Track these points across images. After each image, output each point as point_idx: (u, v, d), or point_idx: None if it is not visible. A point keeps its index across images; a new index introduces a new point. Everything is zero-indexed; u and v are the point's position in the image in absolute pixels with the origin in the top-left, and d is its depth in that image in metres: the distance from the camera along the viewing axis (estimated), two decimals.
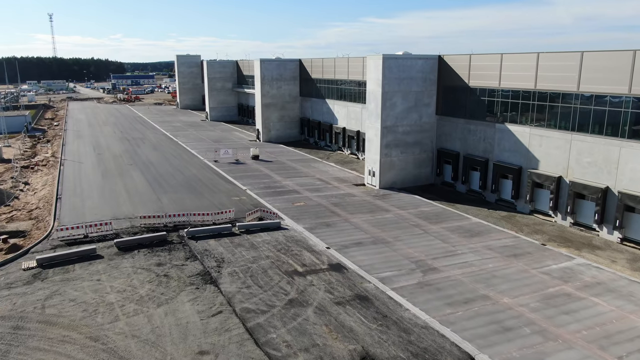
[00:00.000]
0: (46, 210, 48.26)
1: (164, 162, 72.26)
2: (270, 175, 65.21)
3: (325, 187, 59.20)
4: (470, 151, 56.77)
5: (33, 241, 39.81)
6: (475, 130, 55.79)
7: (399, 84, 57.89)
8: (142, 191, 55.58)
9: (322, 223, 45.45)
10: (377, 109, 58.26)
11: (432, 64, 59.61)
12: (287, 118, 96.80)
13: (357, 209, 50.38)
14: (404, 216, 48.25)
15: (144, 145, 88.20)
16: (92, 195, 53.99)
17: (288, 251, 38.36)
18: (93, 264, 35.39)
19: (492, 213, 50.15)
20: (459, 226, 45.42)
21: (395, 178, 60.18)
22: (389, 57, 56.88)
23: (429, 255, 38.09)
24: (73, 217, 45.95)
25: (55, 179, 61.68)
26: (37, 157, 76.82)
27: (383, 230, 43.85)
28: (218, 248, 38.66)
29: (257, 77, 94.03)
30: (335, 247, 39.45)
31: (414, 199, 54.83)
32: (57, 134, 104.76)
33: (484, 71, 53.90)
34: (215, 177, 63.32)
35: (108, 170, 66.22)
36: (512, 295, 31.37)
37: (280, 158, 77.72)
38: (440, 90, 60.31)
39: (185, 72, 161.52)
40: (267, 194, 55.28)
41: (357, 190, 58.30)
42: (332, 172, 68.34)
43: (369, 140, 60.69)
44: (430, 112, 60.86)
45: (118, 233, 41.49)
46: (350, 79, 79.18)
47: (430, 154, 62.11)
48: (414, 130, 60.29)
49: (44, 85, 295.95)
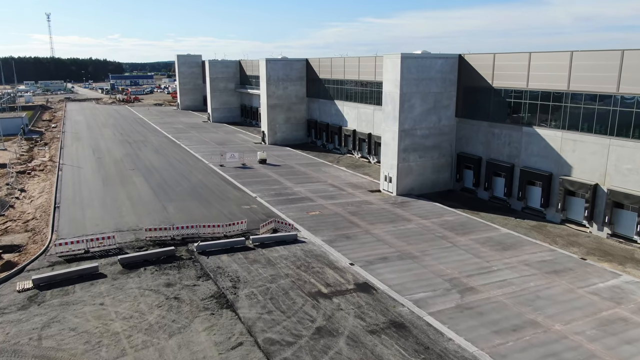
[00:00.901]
0: (43, 221, 44.88)
1: (167, 167, 68.85)
2: (280, 180, 61.90)
3: (340, 194, 55.94)
4: (493, 156, 53.55)
5: (29, 257, 36.45)
6: (500, 133, 52.55)
7: (417, 85, 54.65)
8: (146, 199, 52.19)
9: (342, 235, 42.18)
10: (394, 111, 55.00)
11: (452, 64, 56.38)
12: (293, 120, 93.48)
13: (377, 218, 47.12)
14: (428, 226, 45.01)
15: (145, 148, 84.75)
16: (92, 203, 50.59)
17: (309, 268, 35.07)
18: (95, 284, 32.05)
19: (520, 222, 46.94)
20: (489, 238, 42.20)
21: (412, 184, 56.95)
22: (408, 56, 53.63)
23: (462, 272, 34.84)
24: (72, 229, 42.58)
25: (53, 185, 58.26)
26: (34, 162, 73.34)
27: (408, 242, 40.60)
28: (232, 265, 35.33)
29: (263, 78, 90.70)
30: (359, 263, 36.19)
31: (435, 207, 51.60)
32: (55, 136, 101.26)
33: (509, 71, 50.68)
34: (223, 184, 59.96)
35: (109, 176, 62.79)
36: (564, 321, 28.15)
37: (288, 162, 74.43)
38: (460, 91, 57.09)
39: (186, 72, 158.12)
40: (278, 202, 51.98)
41: (374, 197, 55.03)
42: (344, 177, 65.08)
43: (385, 144, 57.43)
44: (449, 115, 57.64)
45: (122, 248, 38.14)
46: (361, 79, 75.88)
47: (449, 159, 58.88)
48: (433, 133, 57.06)
49: (41, 85, 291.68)
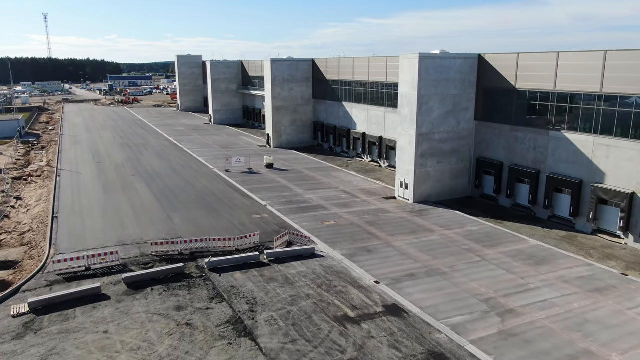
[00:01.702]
0: (41, 233, 41.89)
1: (170, 173, 65.86)
2: (290, 187, 58.99)
3: (354, 202, 53.05)
4: (517, 161, 50.74)
5: (25, 275, 33.49)
6: (524, 138, 49.75)
7: (435, 87, 51.82)
8: (150, 208, 49.21)
9: (362, 248, 39.30)
10: (411, 114, 52.16)
11: (472, 64, 53.58)
12: (299, 122, 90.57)
13: (397, 228, 44.27)
14: (452, 238, 42.18)
15: (147, 152, 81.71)
16: (93, 213, 47.59)
17: (331, 287, 32.18)
18: (98, 307, 29.11)
19: (548, 233, 44.16)
20: (518, 251, 39.38)
21: (430, 191, 54.11)
22: (426, 56, 50.80)
23: (498, 291, 32.01)
24: (72, 242, 39.60)
25: (51, 192, 55.24)
26: (30, 167, 70.30)
27: (434, 256, 37.75)
28: (247, 284, 32.42)
29: (268, 79, 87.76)
30: (385, 280, 33.31)
31: (455, 216, 48.78)
32: (53, 139, 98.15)
33: (535, 72, 47.89)
34: (230, 190, 57.02)
35: (110, 183, 59.77)
36: (621, 350, 25.34)
37: (295, 166, 71.52)
38: (479, 93, 54.27)
39: (186, 73, 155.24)
40: (290, 211, 49.07)
41: (389, 205, 52.17)
42: (355, 182, 62.21)
43: (401, 148, 54.58)
44: (468, 118, 54.83)
45: (126, 264, 35.19)
46: (372, 80, 73.05)
47: (467, 164, 56.05)
48: (451, 137, 54.24)
49: (38, 86, 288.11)
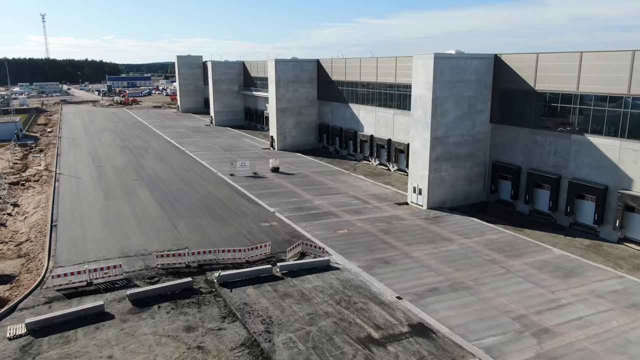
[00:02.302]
0: (39, 244, 39.67)
1: (173, 177, 63.64)
2: (297, 192, 56.85)
3: (365, 208, 50.94)
4: (535, 165, 48.71)
5: (22, 291, 31.31)
6: (543, 141, 47.71)
7: (451, 88, 49.77)
8: (154, 216, 47.02)
9: (379, 259, 37.18)
10: (425, 117, 50.10)
11: (488, 65, 51.54)
12: (303, 124, 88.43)
13: (413, 237, 42.17)
14: (472, 247, 40.11)
15: (148, 155, 79.49)
16: (94, 221, 45.38)
17: (350, 304, 30.05)
18: (101, 328, 26.94)
19: (572, 242, 42.12)
20: (544, 261, 37.31)
21: (444, 196, 52.05)
22: (441, 56, 48.74)
23: (529, 307, 29.93)
24: (72, 253, 37.39)
25: (50, 199, 53.02)
26: (28, 171, 68.01)
27: (455, 268, 35.66)
28: (260, 300, 30.27)
29: (272, 80, 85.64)
30: (407, 296, 31.20)
31: (472, 223, 46.71)
32: (51, 142, 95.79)
33: (556, 72, 45.86)
34: (236, 196, 54.84)
35: (111, 188, 57.53)
36: None
37: (302, 170, 69.39)
38: (495, 94, 52.24)
39: (187, 74, 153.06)
40: (300, 218, 46.94)
41: (403, 212, 50.09)
42: (365, 187, 60.10)
43: (415, 152, 52.51)
44: (484, 120, 52.78)
45: (130, 278, 33.01)
46: (380, 81, 70.98)
47: (482, 168, 54.00)
48: (466, 140, 52.18)
49: (36, 87, 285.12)
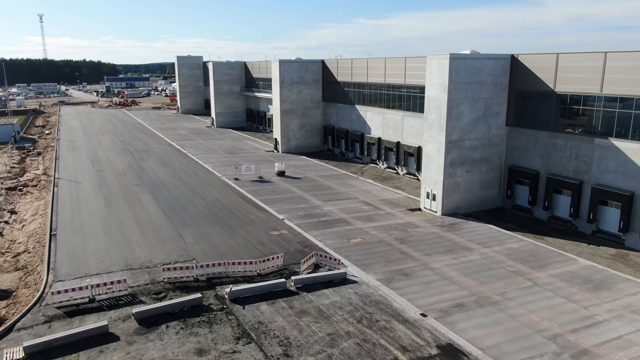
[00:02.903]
0: (37, 255, 37.59)
1: (176, 182, 61.56)
2: (306, 197, 54.85)
3: (377, 215, 48.99)
4: (555, 170, 46.82)
5: (20, 309, 29.27)
6: (564, 145, 45.83)
7: (466, 90, 47.87)
8: (158, 224, 44.95)
9: (397, 271, 35.21)
10: (440, 120, 48.18)
11: (504, 66, 49.64)
12: (308, 126, 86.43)
13: (431, 247, 40.23)
14: (493, 257, 38.17)
15: (149, 158, 77.38)
16: (95, 230, 43.31)
17: (372, 322, 28.07)
18: (105, 352, 24.90)
19: (596, 250, 40.23)
20: (571, 273, 35.39)
21: (459, 202, 50.14)
22: (457, 57, 46.82)
23: (563, 324, 28.00)
24: (73, 266, 35.33)
25: (49, 205, 50.92)
26: (26, 175, 65.89)
27: (479, 281, 33.72)
28: (276, 319, 28.27)
29: (276, 81, 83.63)
30: (432, 312, 29.25)
31: (490, 230, 44.80)
32: (49, 144, 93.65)
33: (577, 74, 43.98)
34: (242, 202, 52.79)
35: (112, 194, 55.43)
36: None
37: (308, 174, 67.40)
38: (512, 96, 50.35)
39: (187, 75, 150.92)
40: (311, 226, 44.96)
41: (416, 219, 48.15)
42: (375, 192, 58.13)
43: (428, 156, 50.58)
44: (499, 123, 50.88)
45: (135, 294, 30.97)
46: (388, 82, 69.05)
47: (498, 173, 52.10)
48: (482, 144, 50.29)
49: (34, 88, 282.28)
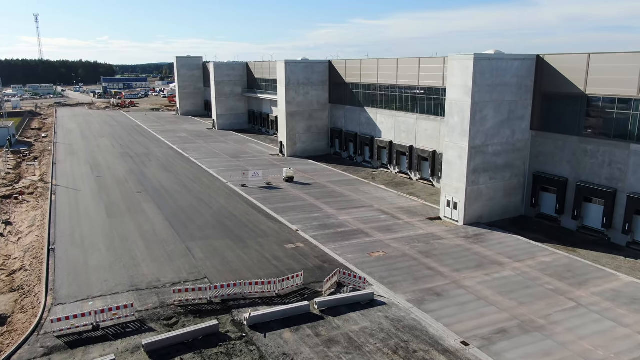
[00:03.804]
0: (34, 274, 34.59)
1: (180, 189, 58.57)
2: (318, 205, 51.97)
3: (396, 225, 46.18)
4: (585, 177, 44.13)
5: (16, 338, 26.31)
6: (595, 151, 43.16)
7: (490, 93, 45.14)
8: (164, 237, 41.99)
9: (428, 291, 32.40)
10: (463, 124, 45.43)
11: (529, 67, 46.93)
12: (314, 129, 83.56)
13: (458, 261, 37.43)
14: (527, 273, 35.41)
15: (150, 163, 74.34)
16: (96, 244, 40.31)
17: (409, 353, 25.23)
18: None
19: (635, 264, 37.51)
20: (614, 291, 32.64)
21: (481, 211, 47.39)
22: (482, 57, 44.08)
23: (619, 354, 25.24)
24: (73, 286, 32.36)
25: (46, 215, 47.91)
26: (22, 182, 62.81)
27: (518, 301, 30.95)
28: (302, 349, 25.38)
29: (281, 82, 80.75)
30: (474, 340, 26.43)
31: (518, 242, 42.06)
32: (46, 148, 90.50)
33: (611, 75, 41.29)
34: (252, 211, 49.85)
35: (113, 202, 52.40)
36: None
37: (317, 179, 64.54)
38: (537, 99, 47.64)
39: (186, 75, 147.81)
40: (328, 238, 42.10)
41: (438, 229, 45.36)
42: (389, 199, 55.31)
43: (449, 163, 47.83)
44: (524, 127, 48.18)
45: (144, 320, 28.05)
46: (401, 83, 66.28)
47: (521, 179, 49.40)
48: (505, 149, 47.57)
49: (29, 89, 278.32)
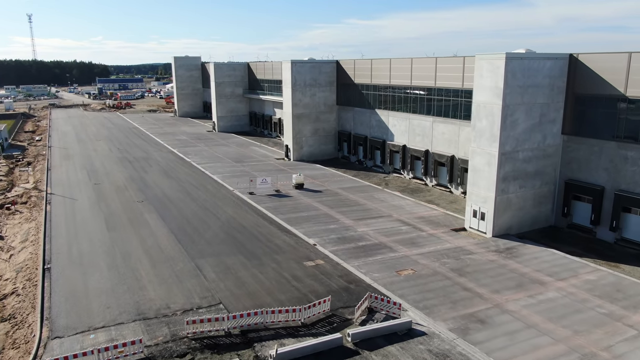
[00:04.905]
0: (28, 299, 30.93)
1: (184, 197, 54.92)
2: (333, 215, 48.51)
3: (420, 237, 42.81)
4: (625, 186, 40.92)
5: None
6: (637, 158, 39.96)
7: (522, 95, 41.88)
8: (170, 253, 38.38)
9: (470, 317, 29.02)
10: (492, 129, 42.11)
11: (562, 67, 43.69)
12: (321, 131, 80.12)
13: (496, 280, 34.07)
14: (574, 294, 32.10)
15: (151, 169, 70.63)
16: (97, 262, 36.65)
17: None
18: None
19: None
20: None
21: (510, 221, 44.13)
22: (514, 57, 40.78)
23: None
24: (72, 315, 28.73)
25: (41, 228, 44.22)
26: (14, 190, 59.02)
27: (572, 329, 27.62)
28: None
29: (287, 83, 77.26)
30: None
31: (554, 256, 38.76)
32: (40, 152, 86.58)
33: None
34: (263, 222, 46.32)
35: (113, 213, 48.71)
36: None
37: (328, 185, 61.08)
38: (569, 101, 44.44)
39: (184, 76, 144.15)
40: (349, 254, 38.65)
41: (466, 241, 42.02)
42: (407, 207, 51.95)
43: (476, 170, 44.51)
44: (555, 132, 44.96)
45: (154, 357, 24.46)
46: (415, 84, 62.93)
47: (551, 187, 46.16)
48: (536, 155, 44.32)
49: (23, 90, 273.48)
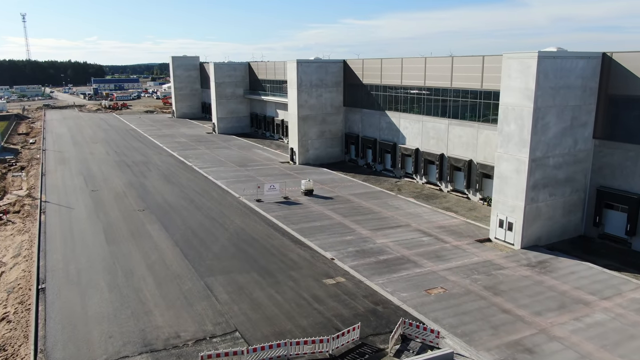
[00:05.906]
0: (20, 327, 27.69)
1: (188, 205, 51.69)
2: (348, 225, 45.47)
3: (444, 249, 39.84)
4: None
5: None
6: None
7: (554, 97, 38.98)
8: (176, 270, 35.17)
9: (515, 345, 26.04)
10: (522, 133, 39.18)
11: (594, 66, 40.82)
12: (328, 134, 77.07)
13: (535, 300, 31.10)
14: (623, 316, 29.22)
15: (150, 174, 67.34)
16: (96, 281, 33.41)
17: None
18: None
19: None
20: None
21: (539, 232, 41.25)
22: (546, 55, 37.85)
23: None
24: (70, 346, 25.49)
25: (34, 242, 40.93)
26: (6, 198, 55.64)
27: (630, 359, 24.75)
28: None
29: (292, 84, 74.15)
30: None
31: (592, 271, 35.87)
32: (34, 156, 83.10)
33: None
34: (274, 234, 43.19)
35: (113, 224, 45.43)
36: None
37: (338, 191, 58.04)
38: (602, 103, 41.60)
39: (182, 76, 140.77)
40: (371, 269, 35.60)
41: (493, 254, 39.08)
42: (425, 215, 49.00)
43: (503, 177, 41.58)
44: (586, 136, 42.10)
45: None
46: (429, 85, 60.00)
47: (582, 195, 43.30)
48: (567, 161, 41.46)
49: (16, 90, 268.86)
